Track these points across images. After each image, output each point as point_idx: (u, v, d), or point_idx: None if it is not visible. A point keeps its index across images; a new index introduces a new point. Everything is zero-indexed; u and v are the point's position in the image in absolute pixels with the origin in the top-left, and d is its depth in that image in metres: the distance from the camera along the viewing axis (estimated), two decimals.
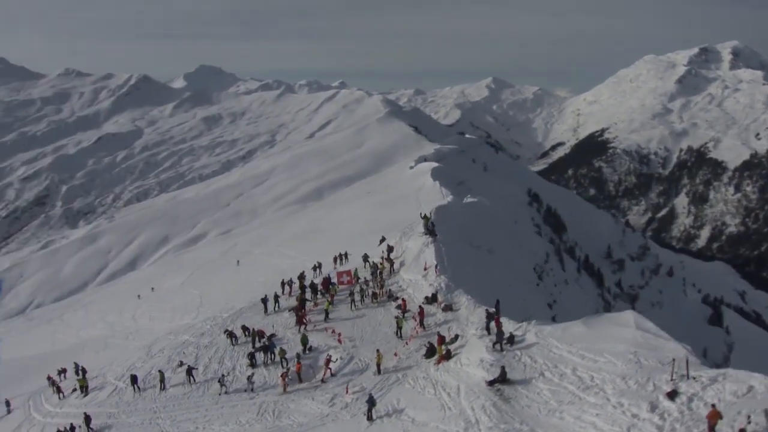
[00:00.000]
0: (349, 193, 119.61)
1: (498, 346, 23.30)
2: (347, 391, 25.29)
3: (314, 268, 45.44)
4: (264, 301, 36.60)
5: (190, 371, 29.86)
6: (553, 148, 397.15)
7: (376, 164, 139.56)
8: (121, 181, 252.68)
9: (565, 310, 51.55)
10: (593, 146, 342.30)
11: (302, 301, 34.38)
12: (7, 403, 37.53)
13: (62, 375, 40.86)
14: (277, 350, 29.66)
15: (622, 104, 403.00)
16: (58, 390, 34.46)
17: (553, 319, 45.01)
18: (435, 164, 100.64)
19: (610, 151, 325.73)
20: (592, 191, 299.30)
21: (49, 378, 38.93)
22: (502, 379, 21.14)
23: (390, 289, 34.25)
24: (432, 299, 31.54)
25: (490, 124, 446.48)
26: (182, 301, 60.50)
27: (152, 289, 75.32)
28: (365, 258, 40.52)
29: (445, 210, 48.16)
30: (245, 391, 28.08)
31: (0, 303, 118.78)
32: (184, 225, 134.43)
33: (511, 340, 23.69)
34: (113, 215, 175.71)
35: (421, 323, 29.40)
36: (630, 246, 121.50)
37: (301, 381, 27.59)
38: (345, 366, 28.06)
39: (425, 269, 34.59)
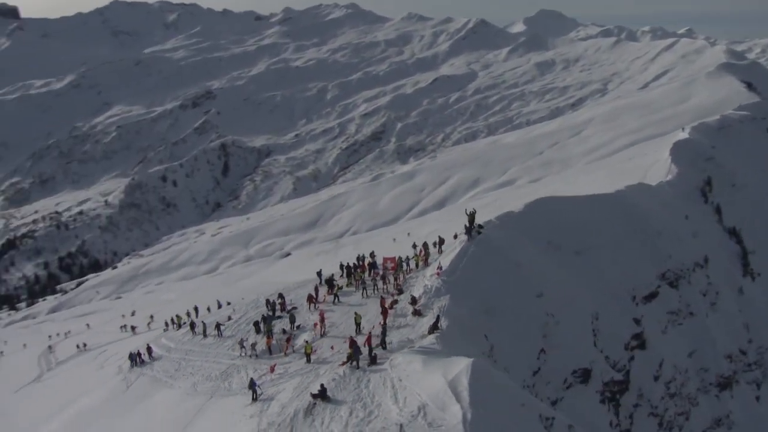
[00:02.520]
0: (630, 154, 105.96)
1: (355, 364, 23.50)
2: (272, 370, 28.51)
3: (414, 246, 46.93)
4: (319, 274, 40.94)
5: (218, 326, 36.64)
6: None
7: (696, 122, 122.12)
8: (452, 122, 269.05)
9: (695, 325, 41.68)
10: None
11: (329, 280, 37.62)
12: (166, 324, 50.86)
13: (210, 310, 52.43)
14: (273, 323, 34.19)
15: None
16: (171, 322, 45.38)
17: (637, 337, 38.09)
18: (684, 135, 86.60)
19: None
20: None
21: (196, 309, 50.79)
22: (322, 395, 21.83)
23: (399, 284, 34.86)
24: (413, 301, 31.42)
25: None
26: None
27: (408, 234, 75.97)
28: (425, 245, 40.86)
29: (549, 202, 43.93)
30: (250, 355, 33.28)
31: (324, 227, 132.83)
32: (496, 169, 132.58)
33: (374, 360, 23.51)
34: (437, 154, 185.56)
35: (383, 323, 29.99)
36: None
37: (270, 353, 31.73)
38: (301, 348, 30.97)
39: (437, 269, 33.99)
